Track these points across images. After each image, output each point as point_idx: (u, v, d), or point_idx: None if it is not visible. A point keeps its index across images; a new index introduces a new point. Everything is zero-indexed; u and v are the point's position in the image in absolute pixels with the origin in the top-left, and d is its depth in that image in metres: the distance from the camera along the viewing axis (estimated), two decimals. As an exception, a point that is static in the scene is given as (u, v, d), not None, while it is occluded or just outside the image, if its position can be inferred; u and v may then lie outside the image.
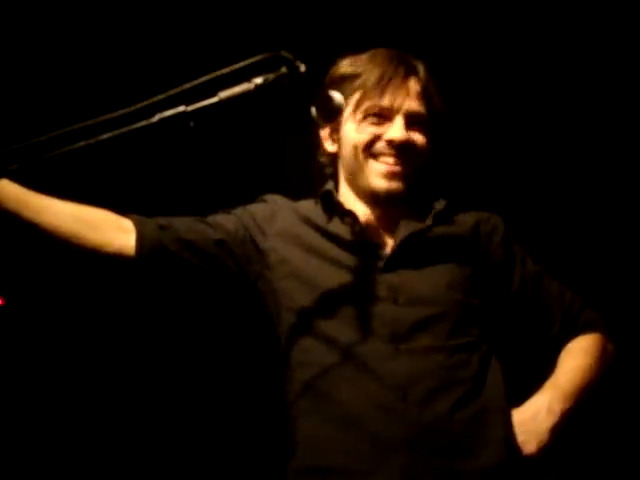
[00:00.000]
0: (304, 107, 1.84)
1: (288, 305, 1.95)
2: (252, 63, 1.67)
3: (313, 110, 1.85)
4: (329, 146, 2.10)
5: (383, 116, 1.98)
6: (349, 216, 2.00)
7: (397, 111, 1.97)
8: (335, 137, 2.07)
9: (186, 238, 1.96)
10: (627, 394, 3.19)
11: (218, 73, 1.66)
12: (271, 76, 1.68)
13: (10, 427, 3.32)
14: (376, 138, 1.98)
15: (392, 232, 2.01)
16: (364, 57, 2.03)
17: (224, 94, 1.68)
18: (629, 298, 3.24)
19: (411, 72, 2.00)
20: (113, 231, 1.88)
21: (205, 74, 1.64)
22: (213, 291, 2.15)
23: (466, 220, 2.08)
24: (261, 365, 2.83)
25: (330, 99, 1.80)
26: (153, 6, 2.81)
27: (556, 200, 3.36)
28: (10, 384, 3.33)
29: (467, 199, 2.12)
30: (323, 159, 2.14)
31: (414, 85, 2.00)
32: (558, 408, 1.89)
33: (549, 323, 2.05)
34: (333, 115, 1.83)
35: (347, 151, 2.02)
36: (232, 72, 1.67)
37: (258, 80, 1.68)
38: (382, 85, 1.96)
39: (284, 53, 1.68)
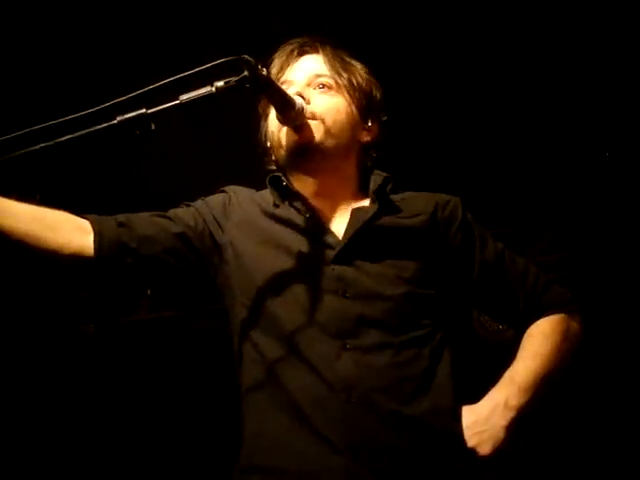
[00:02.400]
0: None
1: (241, 300, 1.94)
2: (214, 66, 1.67)
3: (274, 113, 1.87)
4: None
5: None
6: (298, 199, 1.98)
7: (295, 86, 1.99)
8: None
9: (146, 234, 1.94)
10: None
11: (179, 76, 1.66)
12: (233, 79, 1.68)
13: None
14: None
15: (341, 212, 1.99)
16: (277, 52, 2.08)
17: (185, 97, 1.68)
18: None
19: (305, 51, 2.05)
20: (72, 232, 1.86)
21: (167, 76, 1.64)
22: (178, 285, 2.14)
23: (421, 207, 2.03)
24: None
25: (293, 104, 1.82)
26: (117, 9, 2.78)
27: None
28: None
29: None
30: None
31: (309, 60, 2.04)
32: (515, 403, 1.88)
33: (512, 306, 2.01)
34: (296, 119, 1.86)
35: (272, 137, 2.04)
36: (194, 75, 1.67)
37: (219, 83, 1.69)
38: (282, 74, 2.02)
39: (246, 57, 1.68)
